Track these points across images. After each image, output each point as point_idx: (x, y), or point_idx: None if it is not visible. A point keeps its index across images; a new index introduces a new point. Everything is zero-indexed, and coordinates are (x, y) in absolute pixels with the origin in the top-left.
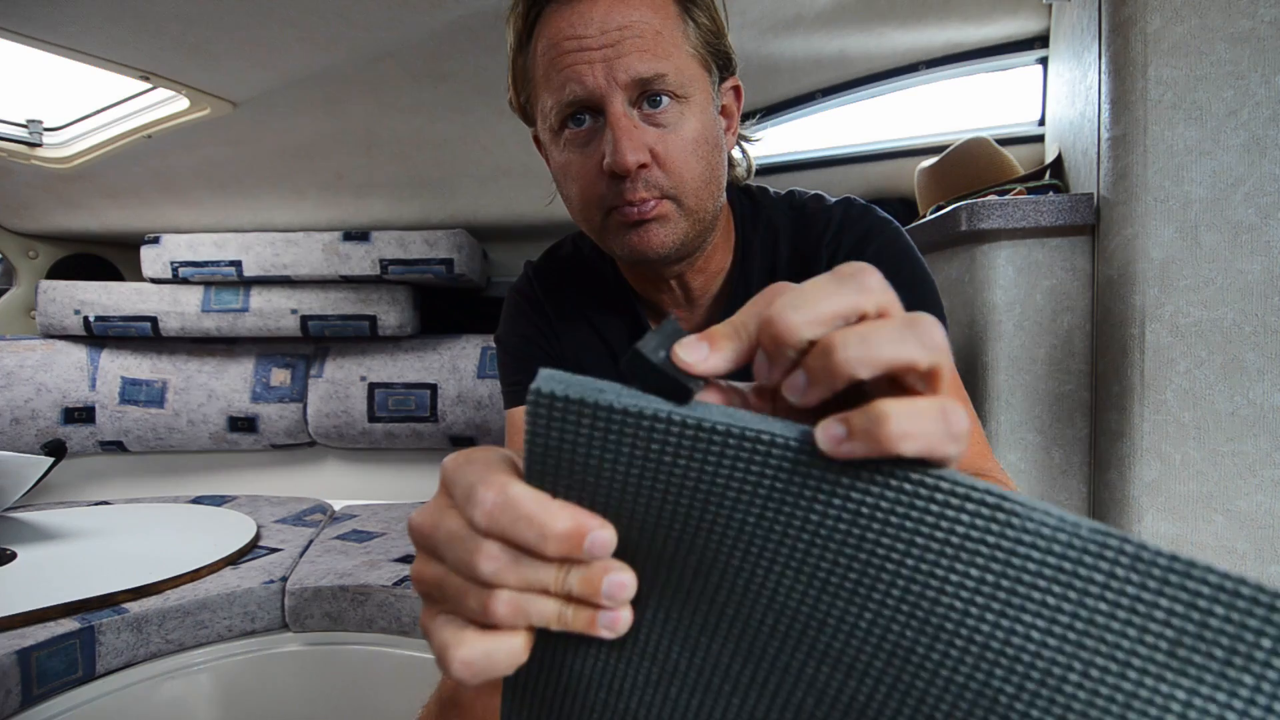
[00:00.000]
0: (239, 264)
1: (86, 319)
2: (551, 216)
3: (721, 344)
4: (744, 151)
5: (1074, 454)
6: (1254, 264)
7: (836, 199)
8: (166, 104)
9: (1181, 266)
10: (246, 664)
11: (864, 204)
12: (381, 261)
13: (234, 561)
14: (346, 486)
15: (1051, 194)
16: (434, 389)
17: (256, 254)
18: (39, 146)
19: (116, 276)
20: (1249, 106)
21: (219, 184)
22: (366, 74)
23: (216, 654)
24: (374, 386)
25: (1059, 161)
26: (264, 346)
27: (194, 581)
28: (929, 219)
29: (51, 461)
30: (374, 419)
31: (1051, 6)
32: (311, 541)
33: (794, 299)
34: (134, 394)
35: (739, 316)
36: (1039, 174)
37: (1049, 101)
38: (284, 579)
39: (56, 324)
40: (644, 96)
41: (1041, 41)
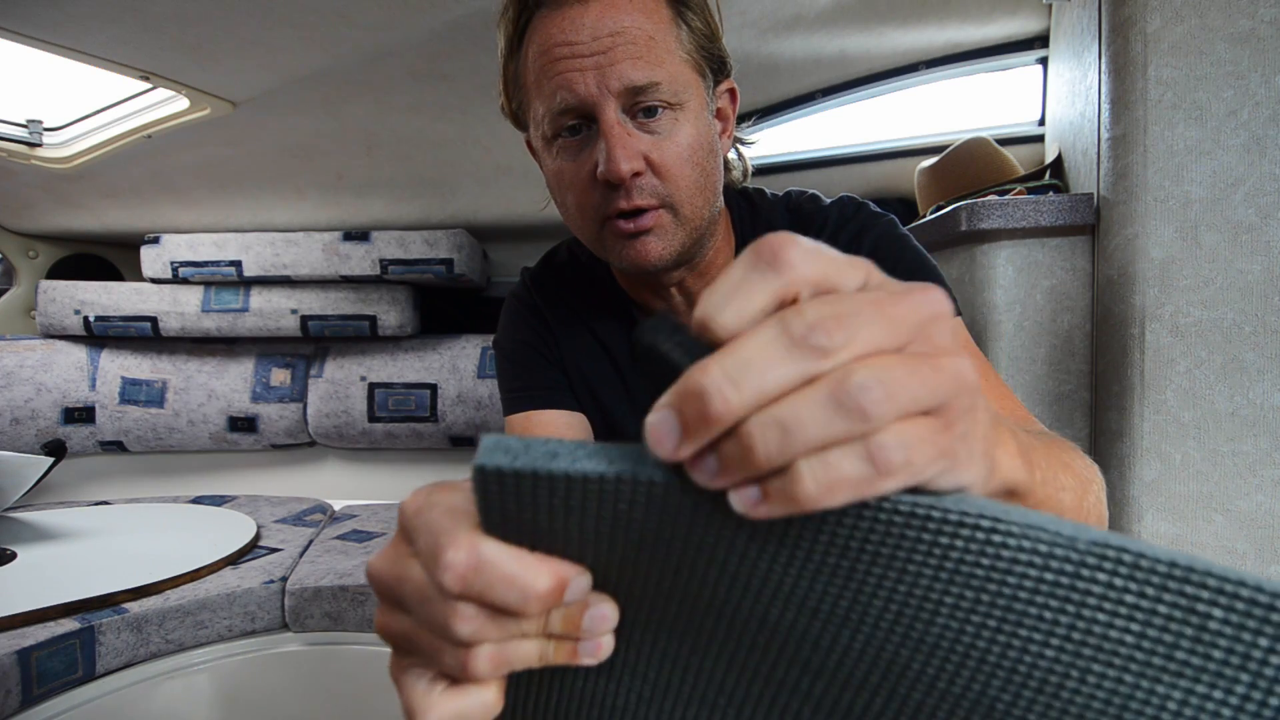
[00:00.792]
0: (239, 264)
1: (86, 319)
2: (551, 216)
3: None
4: (740, 154)
5: None
6: (1254, 264)
7: (832, 198)
8: (166, 104)
9: (1181, 266)
10: (246, 664)
11: (859, 201)
12: (381, 261)
13: (234, 561)
14: (346, 486)
15: (1051, 194)
16: (434, 389)
17: (256, 254)
18: (39, 146)
19: (116, 276)
20: (1249, 106)
21: (219, 184)
22: (366, 74)
23: (216, 654)
24: (374, 386)
25: (1059, 161)
26: (264, 346)
27: (194, 581)
28: (929, 219)
29: (51, 461)
30: (374, 419)
31: (1051, 6)
32: (311, 541)
33: (724, 362)
34: (134, 394)
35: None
36: (1039, 174)
37: (1049, 101)
38: (284, 579)
39: (56, 324)
40: (637, 106)
41: (1041, 41)
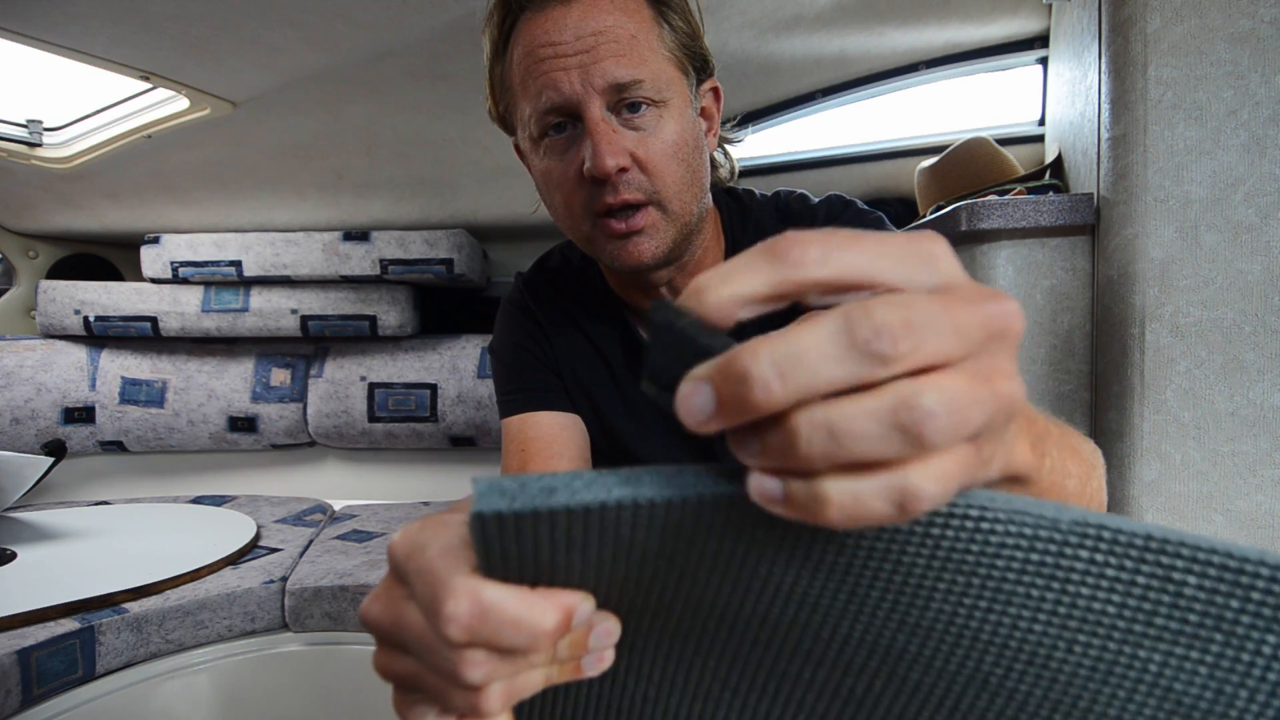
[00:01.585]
0: (239, 264)
1: (86, 319)
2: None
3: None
4: (726, 153)
5: None
6: (1254, 264)
7: (820, 197)
8: (166, 104)
9: (1181, 266)
10: (246, 664)
11: (847, 199)
12: (381, 261)
13: (234, 561)
14: (346, 486)
15: (1051, 194)
16: (434, 389)
17: (256, 254)
18: (39, 146)
19: (116, 276)
20: (1249, 106)
21: (219, 184)
22: (366, 74)
23: (216, 654)
24: (374, 386)
25: (1059, 161)
26: (264, 346)
27: (194, 581)
28: (929, 219)
29: (51, 461)
30: (374, 419)
31: (1051, 6)
32: (311, 541)
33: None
34: (134, 394)
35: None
36: (1039, 174)
37: (1049, 101)
38: (284, 579)
39: (56, 324)
40: (622, 103)
41: (1041, 41)
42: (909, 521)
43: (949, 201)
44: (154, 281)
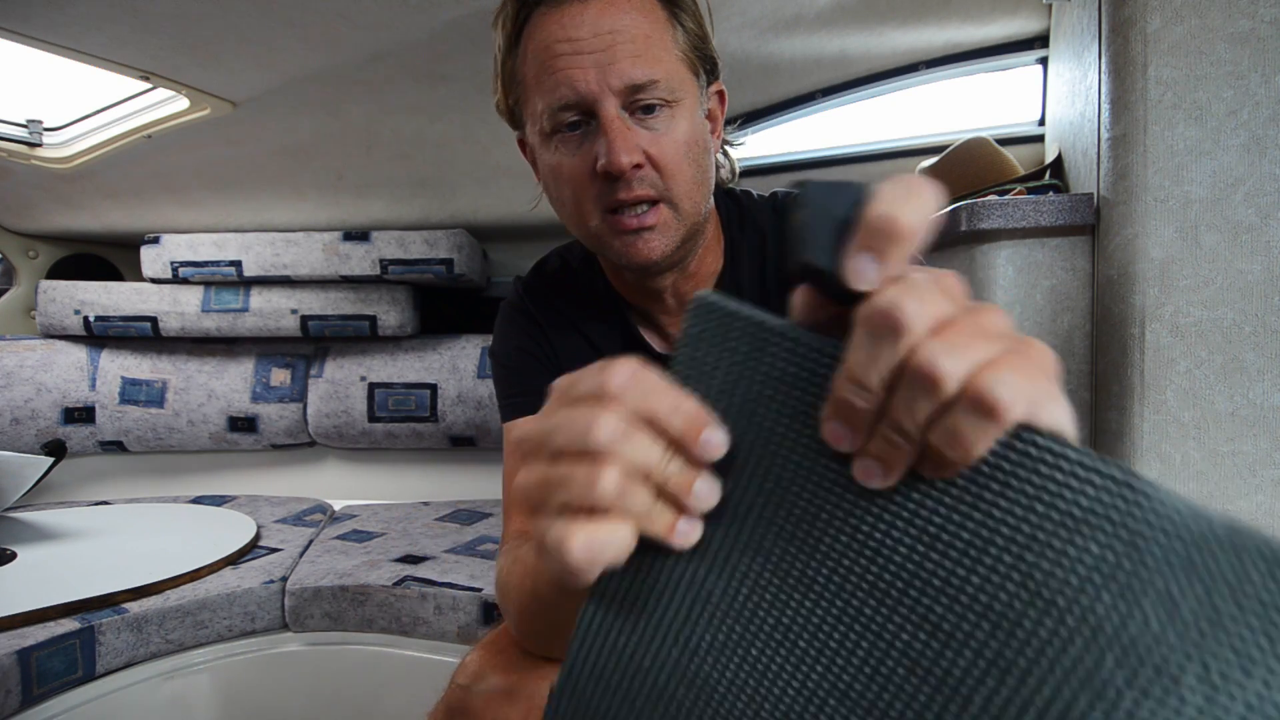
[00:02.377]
0: (239, 264)
1: (86, 319)
2: (552, 216)
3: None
4: (727, 155)
5: None
6: (1254, 264)
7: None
8: (166, 104)
9: (1181, 266)
10: (246, 664)
11: None
12: (381, 261)
13: (234, 561)
14: (346, 486)
15: (1051, 194)
16: (434, 389)
17: (256, 254)
18: (39, 146)
19: (116, 276)
20: (1249, 106)
21: (219, 184)
22: (366, 74)
23: (216, 654)
24: (374, 386)
25: (1059, 161)
26: (264, 346)
27: (194, 581)
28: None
29: (51, 461)
30: (374, 419)
31: (1051, 6)
32: (311, 541)
33: (949, 348)
34: (134, 394)
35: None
36: (1039, 174)
37: (1049, 101)
38: (284, 579)
39: (56, 324)
40: (636, 103)
41: (1041, 41)
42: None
43: (949, 201)
44: (154, 281)
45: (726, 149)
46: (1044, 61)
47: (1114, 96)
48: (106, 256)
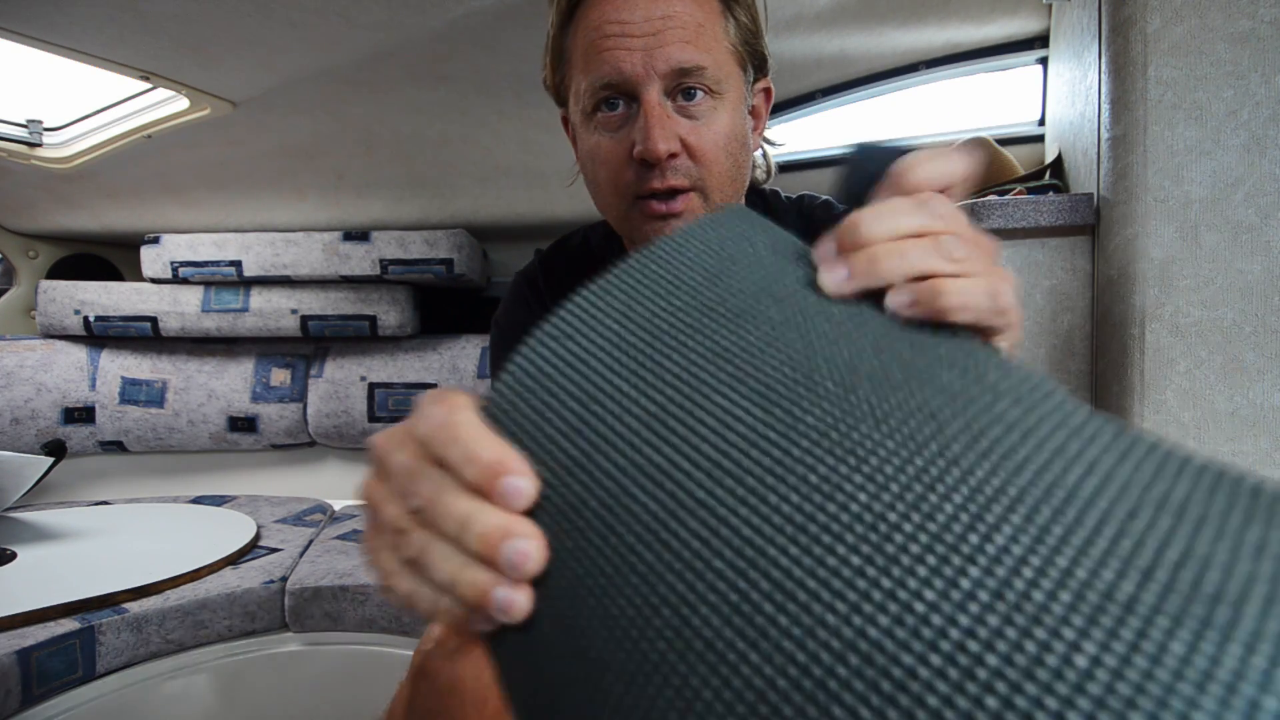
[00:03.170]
0: (239, 264)
1: (86, 319)
2: (552, 215)
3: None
4: (765, 154)
5: None
6: (1254, 264)
7: (847, 205)
8: (166, 104)
9: (1181, 266)
10: (246, 664)
11: None
12: (381, 261)
13: (234, 561)
14: (346, 486)
15: (1051, 194)
16: (434, 389)
17: (256, 254)
18: (39, 146)
19: (116, 276)
20: (1249, 106)
21: (219, 184)
22: (366, 74)
23: (216, 654)
24: (374, 386)
25: (1059, 161)
26: (264, 346)
27: (194, 581)
28: None
29: (51, 461)
30: (374, 419)
31: (1051, 6)
32: (311, 541)
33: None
34: (134, 394)
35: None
36: (1039, 174)
37: (1049, 101)
38: (284, 579)
39: (56, 324)
40: (679, 89)
41: (1041, 41)
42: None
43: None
44: (154, 281)
45: (765, 148)
46: (1044, 61)
47: (1114, 96)
48: (106, 256)
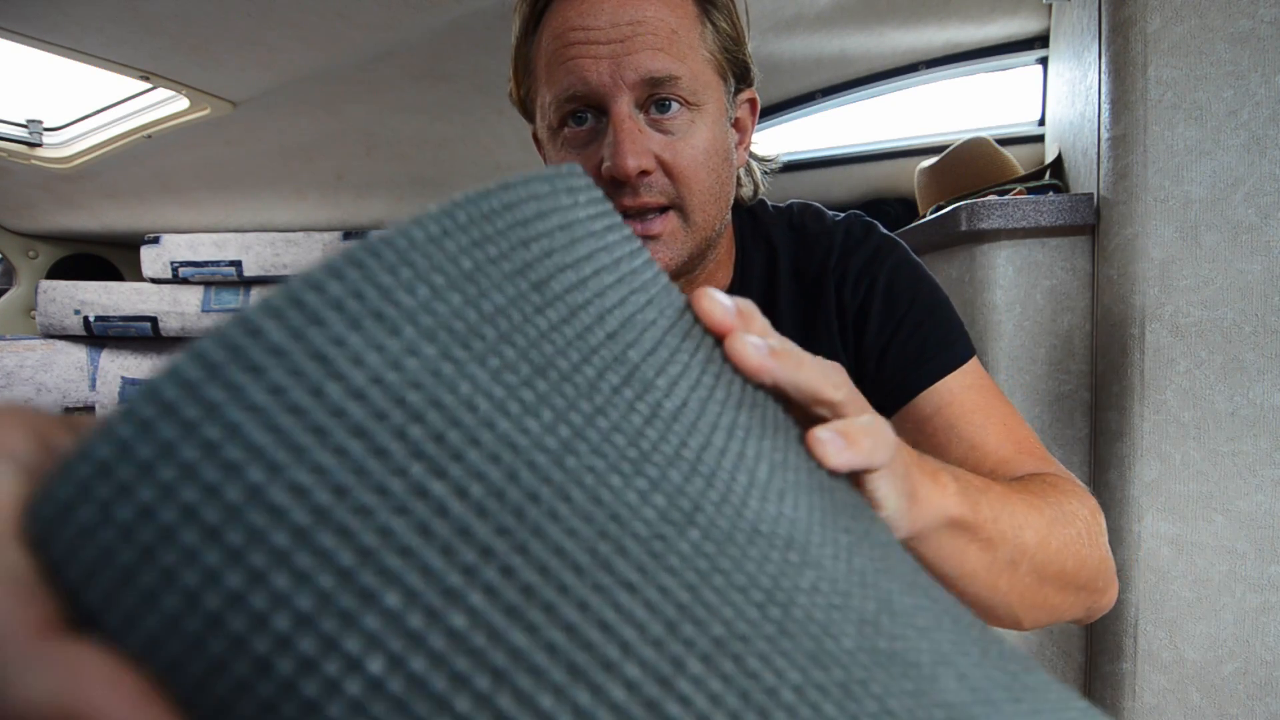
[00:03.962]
0: (239, 264)
1: (86, 319)
2: None
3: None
4: (751, 172)
5: (1074, 454)
6: (1254, 264)
7: (837, 217)
8: (166, 104)
9: (1181, 266)
10: None
11: (866, 222)
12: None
13: None
14: None
15: (1051, 194)
16: None
17: (256, 254)
18: (39, 146)
19: (116, 276)
20: (1249, 106)
21: (219, 184)
22: (366, 74)
23: None
24: None
25: (1059, 161)
26: None
27: None
28: (929, 219)
29: None
30: None
31: (1051, 6)
32: None
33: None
34: (134, 394)
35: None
36: (1039, 174)
37: (1049, 101)
38: None
39: (56, 324)
40: (652, 100)
41: (1041, 41)
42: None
43: (949, 201)
44: (154, 281)
45: (752, 164)
46: (1044, 61)
47: (1114, 96)
48: (106, 256)
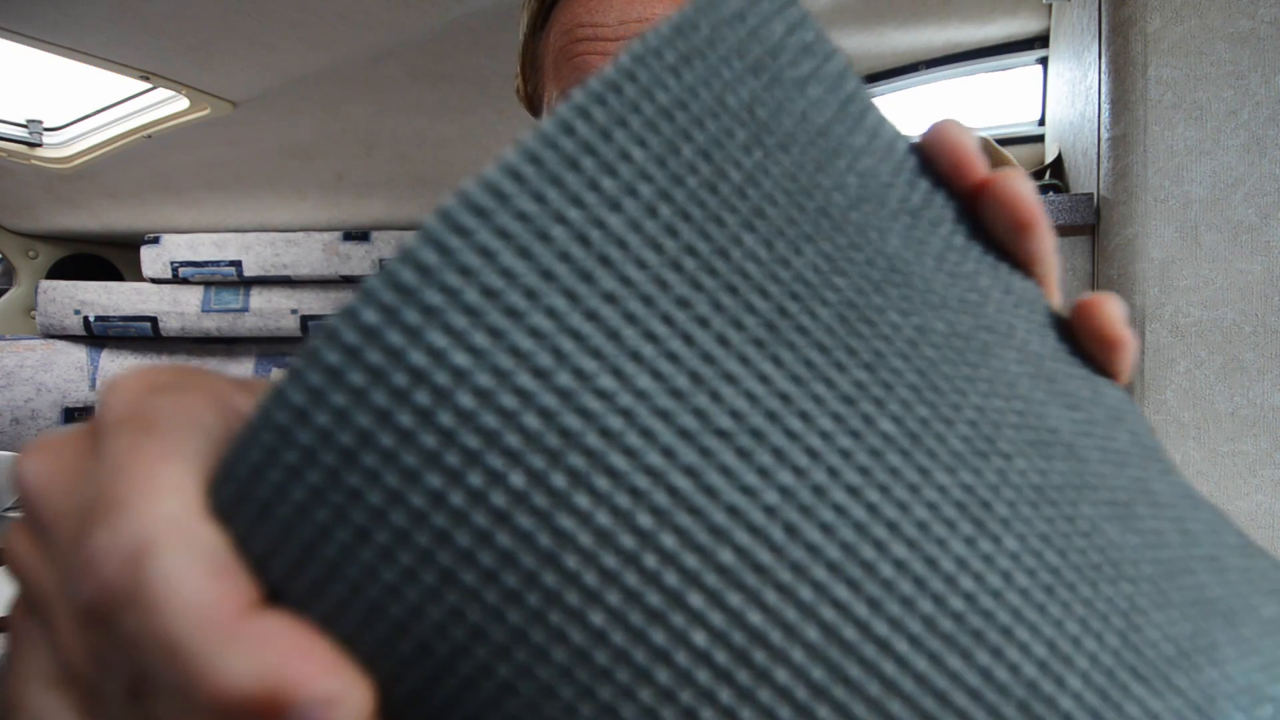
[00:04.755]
0: (239, 264)
1: (86, 319)
2: None
3: None
4: None
5: None
6: (1254, 264)
7: None
8: (166, 104)
9: (1181, 266)
10: None
11: None
12: (382, 261)
13: None
14: None
15: (1051, 194)
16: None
17: (256, 254)
18: (39, 146)
19: (116, 276)
20: (1249, 106)
21: (219, 184)
22: (366, 74)
23: None
24: None
25: (1059, 161)
26: (264, 346)
27: None
28: None
29: None
30: None
31: (1051, 6)
32: None
33: None
34: None
35: None
36: (1039, 174)
37: (1049, 101)
38: None
39: (56, 324)
40: None
41: (1041, 41)
42: None
43: None
44: (154, 281)
45: None
46: (1044, 61)
47: (1114, 96)
48: (106, 256)
